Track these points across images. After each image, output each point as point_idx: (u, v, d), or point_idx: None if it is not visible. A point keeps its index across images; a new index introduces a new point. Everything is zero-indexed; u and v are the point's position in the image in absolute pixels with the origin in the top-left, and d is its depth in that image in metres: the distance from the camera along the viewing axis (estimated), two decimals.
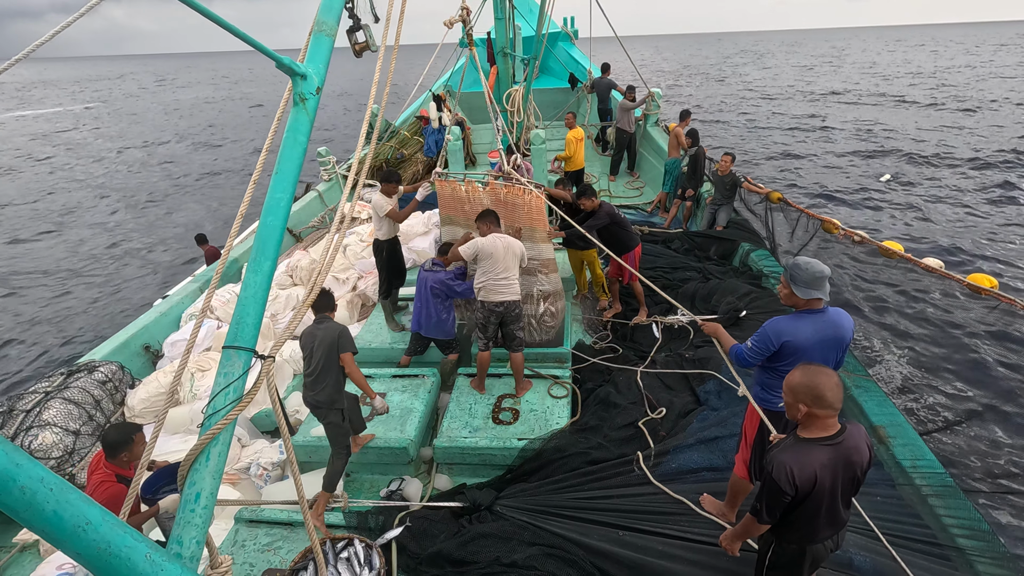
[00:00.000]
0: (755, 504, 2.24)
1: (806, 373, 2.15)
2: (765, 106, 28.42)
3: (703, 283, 6.27)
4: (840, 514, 2.26)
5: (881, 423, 3.90)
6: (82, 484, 4.38)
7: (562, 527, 3.31)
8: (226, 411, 1.84)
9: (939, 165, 13.80)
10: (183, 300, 6.47)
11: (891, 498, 3.46)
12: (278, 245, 2.15)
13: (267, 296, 2.11)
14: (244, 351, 1.96)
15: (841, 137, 18.85)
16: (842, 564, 2.96)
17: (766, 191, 7.39)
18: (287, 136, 2.26)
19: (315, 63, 2.37)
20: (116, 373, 5.06)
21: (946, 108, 23.73)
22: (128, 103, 46.30)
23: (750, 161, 14.79)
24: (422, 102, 14.08)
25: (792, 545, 2.34)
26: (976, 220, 9.91)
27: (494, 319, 4.47)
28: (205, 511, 1.76)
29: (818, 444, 2.14)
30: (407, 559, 3.28)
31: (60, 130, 32.85)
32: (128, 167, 21.96)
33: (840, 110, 24.61)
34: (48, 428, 4.29)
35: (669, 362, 5.01)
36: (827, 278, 2.71)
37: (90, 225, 15.10)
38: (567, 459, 3.91)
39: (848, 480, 2.19)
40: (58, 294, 11.05)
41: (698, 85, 39.83)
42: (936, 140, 16.61)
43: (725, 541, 2.60)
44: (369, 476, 4.38)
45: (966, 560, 3.04)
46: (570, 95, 13.17)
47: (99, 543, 1.25)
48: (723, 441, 3.90)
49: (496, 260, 4.36)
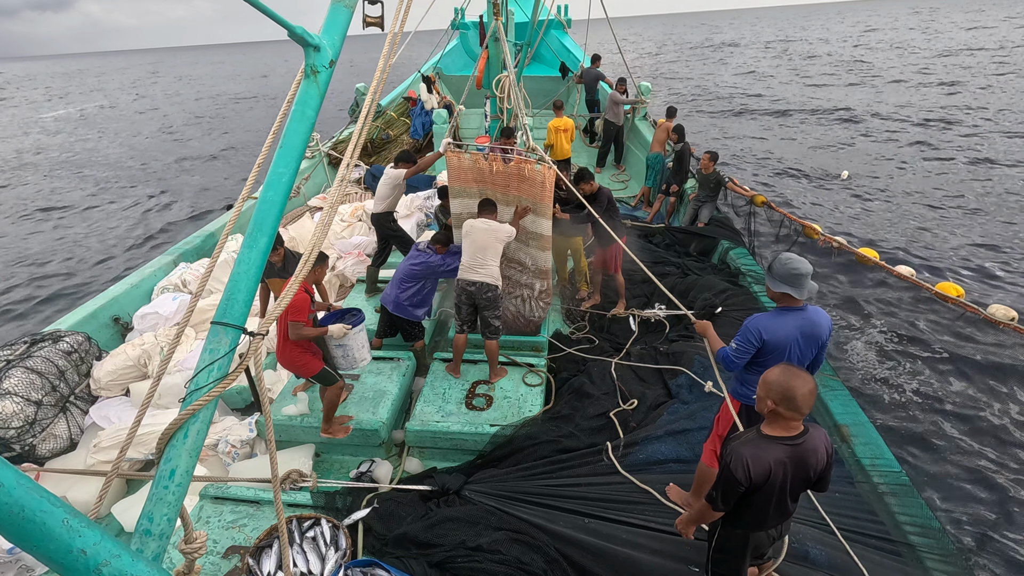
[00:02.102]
0: (711, 492, 2.33)
1: (784, 373, 2.19)
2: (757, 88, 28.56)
3: (681, 279, 6.33)
4: (787, 507, 2.36)
5: (845, 422, 4.00)
6: (42, 456, 4.30)
7: (529, 513, 3.34)
8: (208, 388, 1.81)
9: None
10: (156, 272, 6.33)
11: (849, 495, 3.56)
12: (276, 221, 2.09)
13: (260, 273, 2.06)
14: (232, 328, 1.92)
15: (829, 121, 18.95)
16: (798, 557, 3.04)
17: (751, 194, 7.49)
18: (295, 109, 2.17)
19: (330, 35, 2.27)
20: (83, 344, 4.94)
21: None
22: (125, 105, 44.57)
23: (736, 157, 14.88)
24: (410, 83, 13.89)
25: (737, 530, 2.45)
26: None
27: (465, 298, 4.50)
28: (179, 488, 1.73)
29: (777, 442, 2.21)
30: (373, 540, 3.28)
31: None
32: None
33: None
34: (8, 397, 4.18)
35: (644, 355, 5.06)
36: (804, 276, 2.75)
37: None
38: (538, 446, 3.94)
39: (801, 479, 2.27)
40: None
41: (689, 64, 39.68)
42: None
43: (681, 525, 2.68)
44: (339, 457, 4.36)
45: (916, 556, 3.15)
46: (560, 84, 13.10)
47: (12, 506, 1.19)
48: (692, 434, 3.97)
49: (474, 240, 4.46)
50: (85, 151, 21.92)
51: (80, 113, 34.82)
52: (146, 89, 50.06)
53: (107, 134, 25.92)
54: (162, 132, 25.77)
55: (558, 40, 14.90)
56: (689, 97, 25.51)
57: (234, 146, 21.31)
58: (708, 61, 41.12)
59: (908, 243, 9.02)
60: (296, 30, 2.10)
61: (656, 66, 39.46)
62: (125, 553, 1.37)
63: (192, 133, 24.96)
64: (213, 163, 18.90)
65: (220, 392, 1.83)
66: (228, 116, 29.77)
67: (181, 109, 33.74)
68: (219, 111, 31.88)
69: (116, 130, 27.10)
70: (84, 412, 4.73)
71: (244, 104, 34.63)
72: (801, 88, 25.37)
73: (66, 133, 26.94)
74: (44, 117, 33.97)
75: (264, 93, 40.03)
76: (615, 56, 11.83)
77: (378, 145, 10.85)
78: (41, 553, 1.25)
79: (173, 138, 23.88)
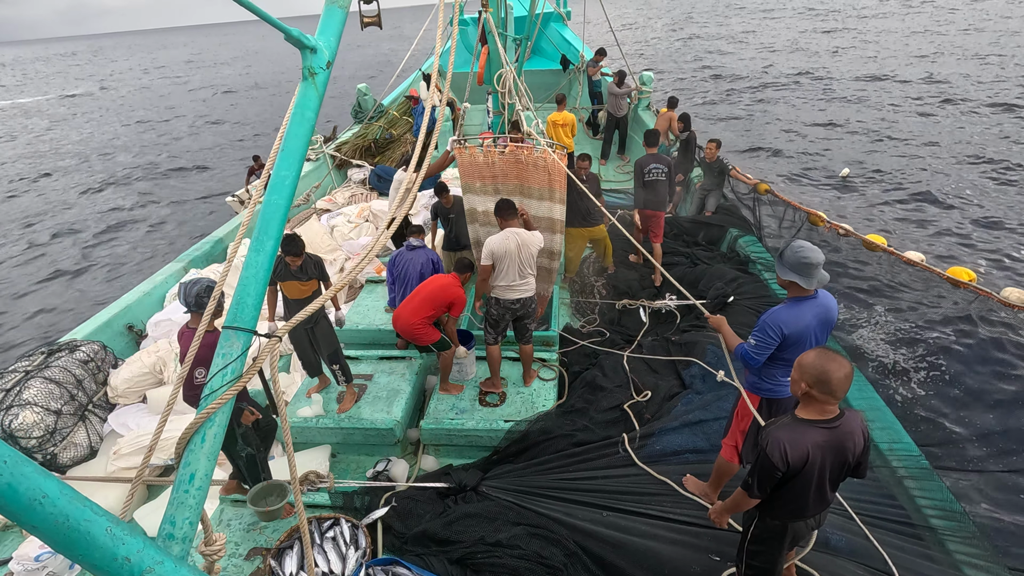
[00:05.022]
0: (747, 479, 2.29)
1: (820, 357, 2.15)
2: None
3: (691, 268, 6.30)
4: (827, 495, 2.31)
5: (860, 407, 3.98)
6: (63, 464, 4.35)
7: (547, 507, 3.35)
8: (222, 391, 1.82)
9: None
10: (167, 280, 6.38)
11: (867, 480, 3.54)
12: (282, 224, 2.10)
13: (268, 276, 2.07)
14: (243, 332, 1.94)
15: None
16: (818, 543, 3.03)
17: (754, 182, 7.43)
18: (294, 112, 2.17)
19: (326, 36, 2.27)
20: (98, 352, 4.99)
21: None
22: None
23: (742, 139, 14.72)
24: (411, 81, 13.87)
25: (776, 521, 2.40)
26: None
27: (509, 316, 4.35)
28: (199, 492, 1.75)
29: (814, 425, 2.18)
30: (393, 538, 3.31)
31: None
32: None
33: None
34: (28, 407, 4.23)
35: (655, 346, 5.05)
36: (815, 267, 2.69)
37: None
38: (553, 441, 3.95)
39: (838, 464, 2.23)
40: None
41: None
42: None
43: (714, 515, 2.64)
44: (356, 457, 4.39)
45: (938, 539, 3.13)
46: (562, 77, 13.03)
47: (56, 516, 1.21)
48: (707, 424, 3.96)
49: (511, 261, 4.15)
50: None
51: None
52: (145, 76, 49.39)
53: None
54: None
55: (558, 33, 14.81)
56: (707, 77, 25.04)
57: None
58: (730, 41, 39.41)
59: (916, 229, 8.91)
60: (292, 33, 2.10)
61: (668, 44, 38.20)
62: (168, 560, 1.38)
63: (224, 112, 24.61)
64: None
65: (233, 395, 1.84)
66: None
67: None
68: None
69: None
70: (103, 420, 4.78)
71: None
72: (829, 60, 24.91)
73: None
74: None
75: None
76: (620, 48, 11.68)
77: (381, 145, 10.85)
78: (87, 561, 1.27)
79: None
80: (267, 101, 30.01)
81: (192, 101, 32.34)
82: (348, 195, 9.10)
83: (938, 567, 2.97)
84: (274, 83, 37.20)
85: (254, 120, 25.03)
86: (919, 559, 3.00)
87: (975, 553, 3.02)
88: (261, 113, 26.49)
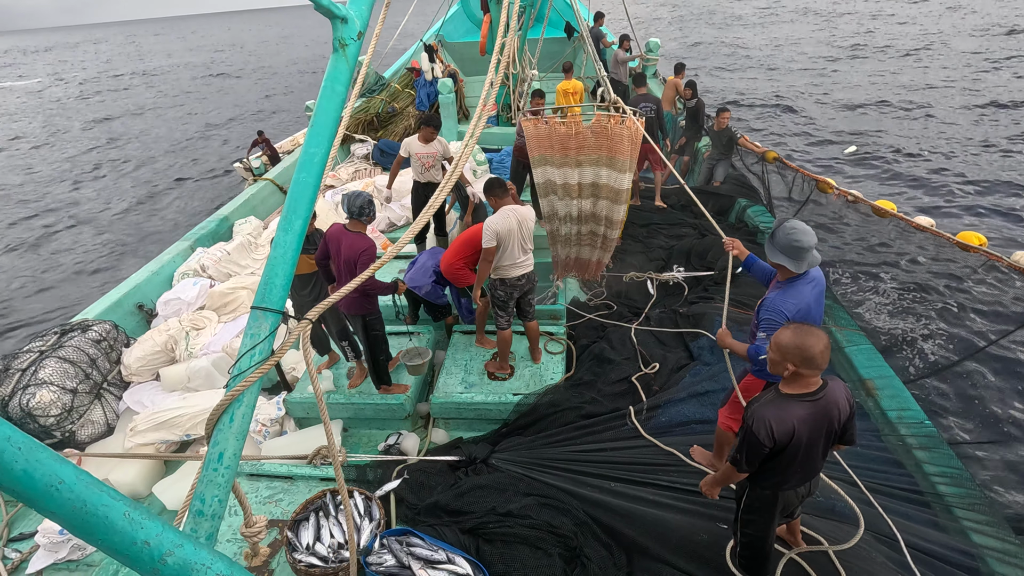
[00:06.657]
0: (735, 454, 2.31)
1: (797, 334, 2.15)
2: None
3: (699, 239, 6.24)
4: (815, 464, 2.34)
5: (870, 376, 3.98)
6: (82, 441, 4.44)
7: (556, 479, 3.40)
8: (251, 371, 1.83)
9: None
10: (175, 259, 6.40)
11: (872, 447, 3.56)
12: (311, 203, 2.05)
13: (297, 256, 2.04)
14: (272, 312, 1.93)
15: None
16: (824, 510, 3.06)
17: (762, 150, 7.29)
18: (325, 86, 2.08)
19: (357, 5, 2.18)
20: (110, 332, 5.05)
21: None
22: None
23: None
24: (412, 53, 13.59)
25: (766, 491, 2.44)
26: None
27: (516, 293, 4.32)
28: (228, 470, 1.77)
29: (798, 400, 2.20)
30: (405, 510, 3.37)
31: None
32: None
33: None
34: (45, 387, 4.30)
35: (663, 318, 5.04)
36: (806, 250, 2.65)
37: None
38: (561, 413, 3.98)
39: (825, 434, 2.25)
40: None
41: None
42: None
43: (705, 487, 2.68)
44: (367, 431, 4.45)
45: (945, 506, 3.15)
46: (566, 45, 12.72)
47: (74, 502, 1.21)
48: (714, 395, 3.98)
49: (514, 239, 4.14)
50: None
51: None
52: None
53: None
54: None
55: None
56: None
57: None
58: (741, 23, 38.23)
59: (925, 194, 8.76)
60: (322, 2, 2.00)
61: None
62: (188, 542, 1.39)
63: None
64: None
65: (261, 375, 1.85)
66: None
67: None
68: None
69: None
70: (118, 398, 4.86)
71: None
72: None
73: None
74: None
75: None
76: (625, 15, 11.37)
77: (384, 119, 10.70)
78: (106, 546, 1.28)
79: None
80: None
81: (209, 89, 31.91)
82: (352, 170, 9.02)
83: (944, 535, 3.00)
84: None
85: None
86: (925, 526, 3.03)
87: (984, 520, 3.04)
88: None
